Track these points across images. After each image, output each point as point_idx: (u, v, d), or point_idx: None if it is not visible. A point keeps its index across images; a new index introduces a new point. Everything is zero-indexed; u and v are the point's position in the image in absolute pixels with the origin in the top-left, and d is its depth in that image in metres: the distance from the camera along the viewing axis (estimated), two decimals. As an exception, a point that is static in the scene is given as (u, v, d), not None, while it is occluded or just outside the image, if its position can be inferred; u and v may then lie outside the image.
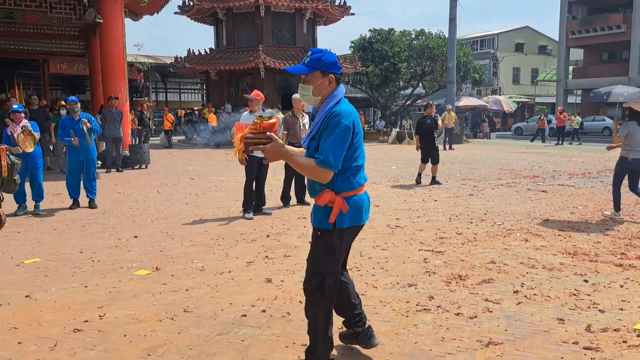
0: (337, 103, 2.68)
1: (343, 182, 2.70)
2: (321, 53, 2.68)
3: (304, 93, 2.73)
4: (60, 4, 12.50)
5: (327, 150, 2.57)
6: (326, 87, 2.70)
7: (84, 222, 6.86)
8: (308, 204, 8.03)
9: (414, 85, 31.48)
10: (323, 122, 2.65)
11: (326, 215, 2.70)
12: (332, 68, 2.68)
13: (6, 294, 4.16)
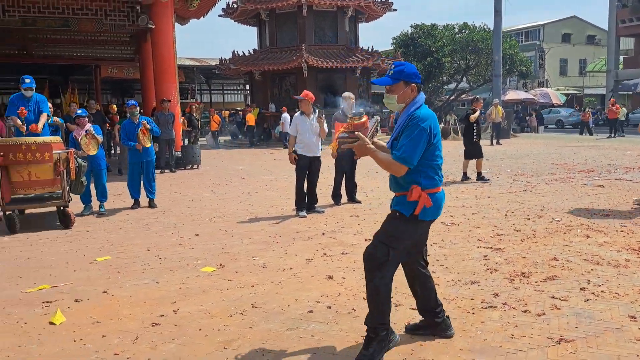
0: (418, 108, 2.99)
1: (427, 180, 3.00)
2: (403, 66, 3.03)
3: (389, 101, 3.07)
4: (114, 12, 12.97)
5: (404, 148, 2.90)
6: (409, 95, 3.03)
7: (146, 221, 7.15)
8: (359, 202, 8.09)
9: (457, 80, 31.05)
10: (404, 123, 2.97)
11: (410, 206, 3.00)
12: (413, 78, 3.01)
13: (85, 289, 4.41)
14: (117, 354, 3.22)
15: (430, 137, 2.94)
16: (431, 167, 3.02)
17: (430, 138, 2.94)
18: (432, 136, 2.94)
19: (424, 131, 2.90)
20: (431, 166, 3.01)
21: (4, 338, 3.48)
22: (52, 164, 6.50)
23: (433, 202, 3.02)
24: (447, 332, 3.29)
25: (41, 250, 5.73)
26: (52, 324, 3.69)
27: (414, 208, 2.99)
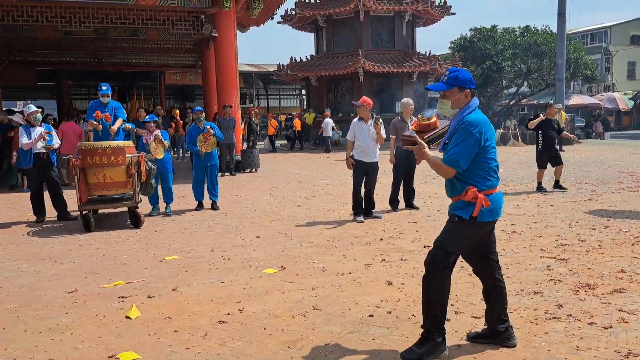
0: (470, 113, 3.05)
1: (482, 181, 3.06)
2: (457, 72, 3.09)
3: (442, 106, 3.13)
4: (180, 21, 13.56)
5: (452, 151, 3.00)
6: (462, 100, 3.09)
7: (209, 223, 7.44)
8: (417, 208, 8.08)
9: (518, 84, 30.20)
10: (455, 128, 3.05)
11: (467, 208, 3.04)
12: (468, 84, 3.07)
13: (156, 286, 4.67)
14: (188, 348, 3.41)
15: (480, 141, 3.00)
16: (485, 169, 3.07)
17: (481, 142, 3.00)
18: (482, 140, 3.01)
19: (472, 136, 2.97)
20: (485, 169, 3.07)
21: (85, 329, 3.76)
22: (125, 167, 6.90)
23: (491, 203, 3.05)
24: (509, 341, 3.28)
25: (115, 248, 6.09)
26: (128, 318, 3.94)
27: (472, 210, 3.02)
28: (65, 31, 16.90)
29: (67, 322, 3.89)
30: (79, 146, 7.00)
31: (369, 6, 23.03)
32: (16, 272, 5.22)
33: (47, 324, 3.86)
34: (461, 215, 3.06)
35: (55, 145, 7.76)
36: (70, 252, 5.97)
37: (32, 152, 7.60)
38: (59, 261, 5.57)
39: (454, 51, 29.07)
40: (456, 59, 26.55)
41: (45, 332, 3.71)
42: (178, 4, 13.14)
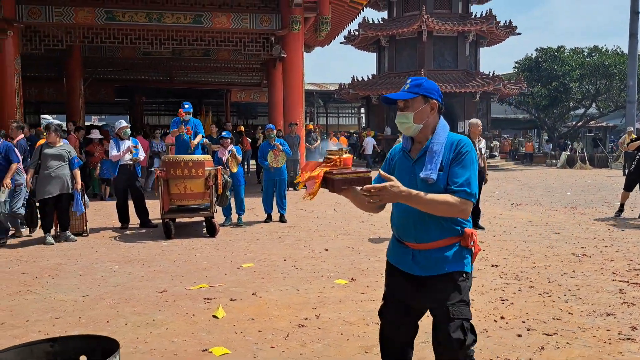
0: (450, 134, 2.46)
1: (471, 218, 2.48)
2: (421, 79, 2.50)
3: (403, 121, 2.46)
4: (252, 42, 14.26)
5: (469, 181, 2.33)
6: (427, 114, 2.44)
7: (279, 234, 7.79)
8: (483, 228, 8.11)
9: (586, 106, 29.26)
10: (448, 152, 2.39)
11: (466, 255, 2.43)
12: (434, 94, 2.46)
13: (237, 290, 5.02)
14: (273, 347, 3.70)
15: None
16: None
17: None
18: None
19: (474, 157, 2.42)
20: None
21: (178, 325, 4.13)
22: (204, 179, 7.38)
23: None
24: None
25: (195, 255, 6.53)
26: (215, 317, 4.29)
27: (467, 256, 2.43)
28: (144, 52, 18.09)
29: (161, 318, 4.29)
30: (164, 159, 7.56)
31: (432, 27, 23.16)
32: (110, 272, 5.73)
33: (144, 319, 4.26)
34: (467, 270, 2.42)
35: (140, 158, 8.39)
36: (155, 256, 6.46)
37: (119, 163, 8.24)
38: (147, 264, 6.06)
39: (519, 71, 28.59)
40: (521, 79, 26.13)
41: (143, 326, 4.11)
42: (250, 26, 13.86)
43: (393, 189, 2.23)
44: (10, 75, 12.91)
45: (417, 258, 2.46)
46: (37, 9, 13.01)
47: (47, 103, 27.96)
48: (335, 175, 2.30)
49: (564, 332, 3.90)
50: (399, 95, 2.45)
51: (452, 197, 2.29)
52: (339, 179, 2.30)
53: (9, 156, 7.02)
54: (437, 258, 2.41)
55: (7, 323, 4.21)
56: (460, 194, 2.30)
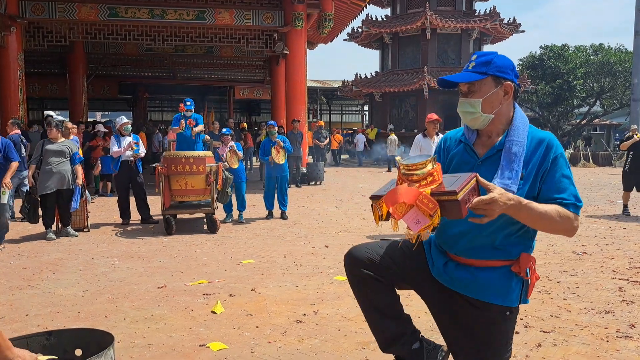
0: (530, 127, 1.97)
1: (535, 239, 2.02)
2: (492, 55, 1.94)
3: (467, 110, 1.93)
4: (254, 39, 14.27)
5: (576, 193, 1.90)
6: (501, 100, 1.91)
7: (280, 231, 7.80)
8: None
9: (590, 104, 29.17)
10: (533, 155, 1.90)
11: (515, 287, 1.97)
12: (507, 73, 1.92)
13: (236, 286, 5.03)
14: (270, 342, 3.71)
15: None
16: None
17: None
18: None
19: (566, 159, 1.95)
20: None
21: (177, 320, 4.15)
22: (205, 175, 7.39)
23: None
24: None
25: (195, 251, 6.55)
26: (213, 313, 4.30)
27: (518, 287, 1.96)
28: (147, 48, 18.11)
29: (160, 313, 4.30)
30: (165, 155, 7.57)
31: (436, 24, 23.12)
32: (110, 267, 5.75)
33: (143, 314, 4.28)
34: (511, 304, 1.98)
35: (141, 154, 8.40)
36: (156, 252, 6.48)
37: (120, 159, 8.26)
38: (147, 260, 6.07)
39: (523, 69, 28.52)
40: (524, 77, 26.06)
41: (142, 321, 4.13)
42: (253, 23, 13.86)
43: (502, 199, 1.70)
44: (13, 72, 12.95)
45: (450, 268, 2.03)
46: (40, 5, 13.04)
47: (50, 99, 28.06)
48: (459, 193, 1.63)
49: (561, 329, 3.90)
50: (461, 76, 1.92)
51: (564, 211, 1.83)
52: (463, 198, 1.65)
53: (7, 155, 6.55)
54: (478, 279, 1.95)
55: (7, 317, 4.23)
56: (570, 207, 1.84)
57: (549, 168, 1.87)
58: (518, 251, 1.93)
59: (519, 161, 1.85)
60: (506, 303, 1.95)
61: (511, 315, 1.99)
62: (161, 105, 35.84)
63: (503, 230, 1.90)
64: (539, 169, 1.88)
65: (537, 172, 1.88)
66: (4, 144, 6.52)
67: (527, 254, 1.93)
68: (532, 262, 1.94)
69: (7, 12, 12.64)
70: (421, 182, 1.71)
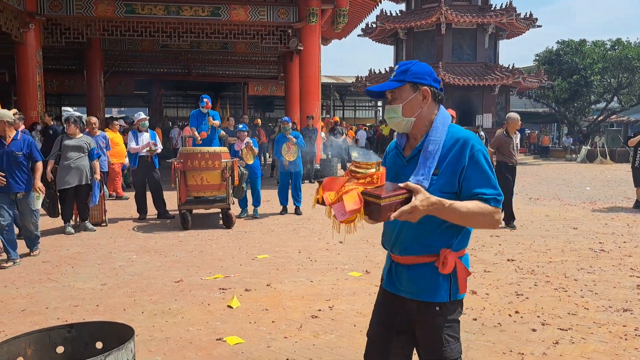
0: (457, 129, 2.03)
1: (464, 234, 2.02)
2: (410, 63, 2.07)
3: (391, 115, 2.06)
4: (269, 35, 14.30)
5: (496, 186, 1.95)
6: (420, 104, 2.02)
7: (294, 227, 7.83)
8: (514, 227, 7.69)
9: (607, 99, 28.72)
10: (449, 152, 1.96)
11: (443, 282, 1.98)
12: (424, 78, 2.03)
13: (251, 281, 5.07)
14: (286, 337, 3.74)
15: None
16: None
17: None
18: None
19: (487, 155, 1.99)
20: None
21: (193, 314, 4.19)
22: (220, 170, 7.44)
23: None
24: None
25: (210, 245, 6.60)
26: (229, 307, 4.34)
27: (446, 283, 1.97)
28: (163, 44, 18.24)
29: (177, 307, 4.35)
30: (181, 150, 7.63)
31: (451, 19, 22.91)
32: (128, 261, 5.83)
33: (160, 308, 4.33)
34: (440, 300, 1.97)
35: (158, 150, 8.47)
36: (172, 246, 6.54)
37: (137, 155, 8.34)
38: (164, 254, 6.14)
39: (539, 64, 28.16)
40: (541, 72, 25.74)
41: (159, 315, 4.18)
42: (267, 19, 13.88)
43: (423, 204, 1.79)
44: (32, 68, 13.13)
45: (392, 271, 2.09)
46: (58, 2, 13.20)
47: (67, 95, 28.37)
48: (383, 199, 1.72)
49: (579, 327, 3.87)
50: (382, 86, 2.05)
51: (484, 206, 1.90)
52: (386, 205, 1.73)
53: (31, 153, 5.81)
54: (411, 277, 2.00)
55: (28, 310, 4.31)
56: (491, 201, 1.91)
57: (466, 165, 1.94)
58: (441, 246, 1.97)
59: (432, 158, 1.95)
60: (434, 299, 1.97)
61: (441, 310, 1.98)
62: (176, 102, 36.05)
63: (426, 225, 1.94)
64: (456, 165, 1.95)
65: (454, 168, 1.95)
66: (27, 142, 5.81)
67: (446, 249, 1.96)
68: (454, 256, 1.96)
69: (25, 9, 12.80)
70: (360, 180, 1.81)
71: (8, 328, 3.91)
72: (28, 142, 5.83)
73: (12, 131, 5.76)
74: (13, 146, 5.67)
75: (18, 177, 5.66)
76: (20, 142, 5.72)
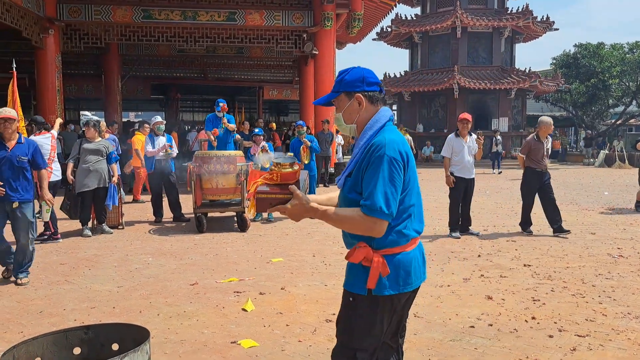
0: (379, 131, 2.09)
1: (384, 235, 2.05)
2: (345, 72, 2.18)
3: (339, 124, 2.24)
4: (284, 39, 14.37)
5: (375, 194, 1.95)
6: (357, 110, 2.12)
7: (308, 230, 7.83)
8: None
9: (626, 103, 28.36)
10: (361, 155, 2.06)
11: (362, 276, 2.07)
12: (357, 85, 2.11)
13: (266, 285, 5.08)
14: (300, 341, 3.74)
15: (405, 169, 2.03)
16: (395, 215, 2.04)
17: (405, 171, 2.04)
18: (406, 169, 2.04)
19: (394, 163, 1.99)
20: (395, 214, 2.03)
21: (208, 317, 4.22)
22: (235, 174, 7.48)
23: (392, 268, 2.06)
24: None
25: (225, 249, 6.64)
26: (244, 310, 4.36)
27: (366, 277, 2.05)
28: (179, 49, 18.42)
29: (192, 310, 4.38)
30: (197, 154, 7.69)
31: (466, 22, 22.84)
32: (144, 264, 5.88)
33: (176, 311, 4.36)
34: (356, 291, 2.09)
35: (173, 154, 8.55)
36: (187, 249, 6.59)
37: (154, 158, 8.42)
38: (179, 257, 6.19)
39: (556, 67, 27.92)
40: (558, 76, 25.51)
41: (174, 317, 4.21)
42: (283, 23, 13.95)
43: (294, 208, 2.05)
44: (51, 73, 13.35)
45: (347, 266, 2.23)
46: (77, 8, 13.41)
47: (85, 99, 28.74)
48: (259, 194, 2.12)
49: (597, 333, 3.82)
50: (323, 98, 2.24)
51: (357, 213, 1.98)
52: (260, 199, 2.13)
53: (35, 159, 5.21)
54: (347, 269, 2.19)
55: (46, 311, 4.37)
56: (363, 208, 1.96)
57: (366, 168, 2.02)
58: (358, 240, 2.07)
59: (352, 161, 2.11)
60: (351, 289, 2.12)
61: (354, 302, 2.10)
62: (192, 106, 36.36)
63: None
64: (360, 167, 2.05)
65: (360, 171, 2.05)
66: (32, 147, 5.24)
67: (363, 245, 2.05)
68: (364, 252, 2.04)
69: (45, 15, 13.03)
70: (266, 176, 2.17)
71: (26, 329, 3.97)
72: (34, 148, 5.24)
73: (15, 134, 5.13)
74: (18, 150, 5.07)
75: (20, 185, 5.06)
76: (25, 147, 5.14)
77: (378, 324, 2.10)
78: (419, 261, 2.18)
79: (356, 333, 2.11)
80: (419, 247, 2.19)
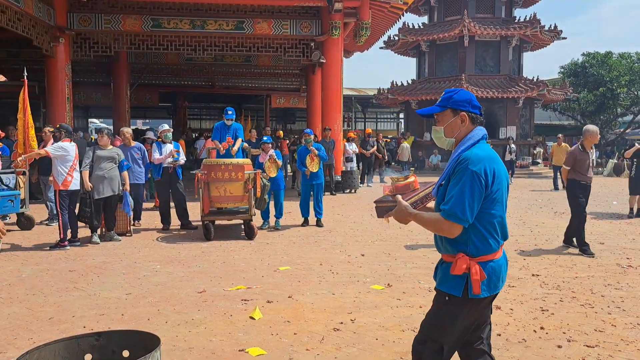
0: (470, 146, 2.36)
1: (479, 243, 2.32)
2: (454, 92, 2.48)
3: (437, 135, 2.52)
4: (292, 48, 14.46)
5: (453, 201, 2.26)
6: (458, 126, 2.44)
7: (315, 239, 7.84)
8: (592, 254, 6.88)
9: (634, 112, 28.23)
10: (452, 167, 2.35)
11: (459, 280, 2.33)
12: (464, 106, 2.43)
13: (273, 293, 5.09)
14: (308, 349, 3.74)
15: (487, 184, 2.28)
16: (485, 226, 2.32)
17: (487, 186, 2.28)
18: (489, 184, 2.29)
19: (476, 176, 2.24)
20: (485, 225, 2.32)
21: (216, 325, 4.23)
22: (243, 182, 7.52)
23: (487, 274, 2.32)
24: None
25: (233, 257, 6.65)
26: (252, 319, 4.37)
27: (462, 282, 2.32)
28: (187, 57, 18.57)
29: (200, 317, 4.39)
30: (204, 162, 7.73)
31: (474, 31, 22.84)
32: (152, 271, 5.91)
33: (184, 318, 4.38)
34: (452, 293, 2.34)
35: (181, 162, 8.60)
36: (195, 257, 6.61)
37: (161, 166, 8.47)
38: (187, 264, 6.21)
39: (564, 76, 27.87)
40: (566, 85, 25.44)
41: (182, 325, 4.23)
42: (290, 32, 14.04)
43: (398, 213, 2.37)
44: (61, 81, 13.49)
45: (438, 268, 2.51)
46: (87, 17, 13.57)
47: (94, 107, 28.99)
48: (378, 204, 2.50)
49: (606, 344, 3.80)
50: (429, 109, 2.51)
51: (438, 216, 2.31)
52: (379, 207, 2.50)
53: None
54: (442, 271, 2.44)
55: (55, 318, 4.40)
56: (442, 212, 2.29)
57: (451, 177, 2.34)
58: (457, 250, 2.35)
59: (444, 173, 2.39)
60: (448, 290, 2.35)
61: (449, 301, 2.35)
62: (200, 114, 36.58)
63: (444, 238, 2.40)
64: (450, 177, 2.35)
65: (449, 180, 2.35)
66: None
67: (462, 256, 2.31)
68: (466, 260, 2.30)
69: (56, 24, 13.19)
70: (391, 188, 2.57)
71: (36, 335, 4.00)
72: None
73: None
74: None
75: None
76: None
77: (466, 322, 2.37)
78: (505, 267, 2.45)
79: (447, 329, 2.36)
80: (504, 254, 2.45)
